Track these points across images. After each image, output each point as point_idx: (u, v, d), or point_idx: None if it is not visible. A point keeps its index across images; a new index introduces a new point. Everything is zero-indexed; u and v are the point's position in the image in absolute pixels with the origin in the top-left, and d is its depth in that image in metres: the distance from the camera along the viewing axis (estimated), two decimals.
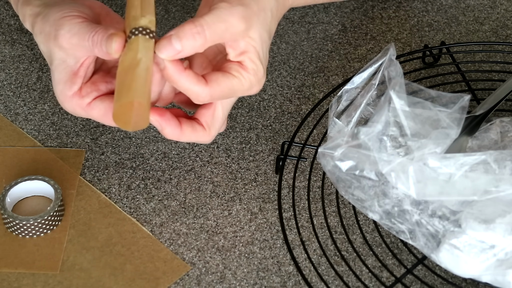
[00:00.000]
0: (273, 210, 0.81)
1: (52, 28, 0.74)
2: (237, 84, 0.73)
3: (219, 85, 0.72)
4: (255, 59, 0.74)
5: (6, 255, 0.77)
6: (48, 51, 0.76)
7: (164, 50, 0.70)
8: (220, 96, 0.73)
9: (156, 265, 0.76)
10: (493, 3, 1.02)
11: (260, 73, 0.75)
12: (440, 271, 0.76)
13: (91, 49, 0.73)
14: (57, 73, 0.75)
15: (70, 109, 0.76)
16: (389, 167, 0.71)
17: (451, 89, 0.91)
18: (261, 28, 0.74)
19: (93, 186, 0.82)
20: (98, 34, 0.72)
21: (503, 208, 0.70)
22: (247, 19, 0.73)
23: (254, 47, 0.74)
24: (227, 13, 0.71)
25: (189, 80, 0.71)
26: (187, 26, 0.70)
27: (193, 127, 0.75)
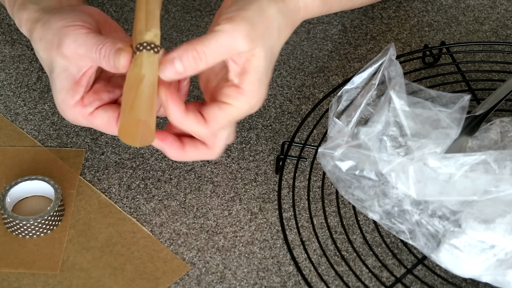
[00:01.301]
0: (273, 210, 0.81)
1: (56, 36, 0.74)
2: (236, 112, 0.74)
3: (217, 122, 0.73)
4: (254, 81, 0.74)
5: (6, 255, 0.77)
6: (49, 59, 0.75)
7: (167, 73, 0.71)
8: (220, 129, 0.75)
9: (156, 265, 0.76)
10: (493, 3, 1.02)
11: (260, 93, 0.75)
12: (440, 271, 0.76)
13: (98, 61, 0.73)
14: (59, 81, 0.74)
15: (71, 118, 0.75)
16: (389, 167, 0.71)
17: (451, 89, 0.91)
18: (265, 47, 0.74)
19: (93, 186, 0.82)
20: (106, 47, 0.72)
21: (503, 208, 0.70)
22: (253, 39, 0.72)
23: (256, 68, 0.74)
24: (230, 38, 0.71)
25: (190, 122, 0.73)
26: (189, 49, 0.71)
27: (196, 147, 0.75)
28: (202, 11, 1.01)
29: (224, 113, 0.73)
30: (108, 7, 1.01)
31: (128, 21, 0.99)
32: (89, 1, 1.01)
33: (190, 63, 0.71)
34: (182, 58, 0.71)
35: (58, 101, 0.75)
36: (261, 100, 0.75)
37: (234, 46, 0.72)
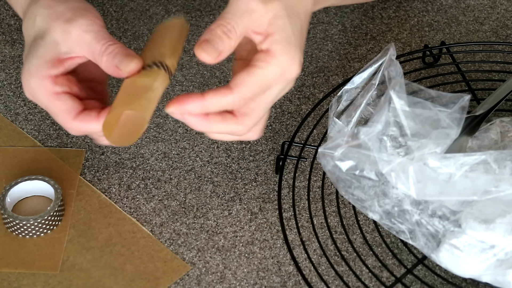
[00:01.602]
0: (273, 210, 0.81)
1: (70, 12, 0.73)
2: (265, 75, 0.69)
3: (246, 86, 0.69)
4: (281, 40, 0.70)
5: (6, 255, 0.77)
6: (44, 27, 0.73)
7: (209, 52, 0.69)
8: (252, 94, 0.70)
9: (156, 265, 0.76)
10: (493, 3, 1.02)
11: (291, 54, 0.70)
12: (440, 271, 0.76)
13: (98, 55, 0.72)
14: (43, 49, 0.72)
15: (32, 88, 0.72)
16: (389, 167, 0.71)
17: (451, 89, 0.91)
18: (285, 5, 0.71)
19: (93, 186, 0.82)
20: (115, 47, 0.71)
21: (503, 208, 0.70)
22: (266, 1, 0.70)
23: (280, 27, 0.70)
24: (246, 2, 0.70)
25: (214, 101, 0.69)
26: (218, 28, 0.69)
27: (222, 116, 0.71)
28: (202, 11, 1.01)
29: (253, 76, 0.69)
30: (108, 7, 1.01)
31: (128, 21, 0.99)
32: (89, 1, 1.01)
33: (223, 40, 0.69)
34: (213, 38, 0.69)
35: (31, 66, 0.72)
36: (293, 62, 0.71)
37: (253, 11, 0.70)
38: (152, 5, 1.01)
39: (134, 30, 0.98)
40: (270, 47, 0.70)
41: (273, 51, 0.70)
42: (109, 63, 0.71)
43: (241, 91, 0.69)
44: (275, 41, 0.70)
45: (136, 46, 0.96)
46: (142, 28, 0.98)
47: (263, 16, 0.70)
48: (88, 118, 0.72)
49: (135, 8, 1.01)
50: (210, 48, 0.68)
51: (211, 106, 0.69)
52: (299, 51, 0.72)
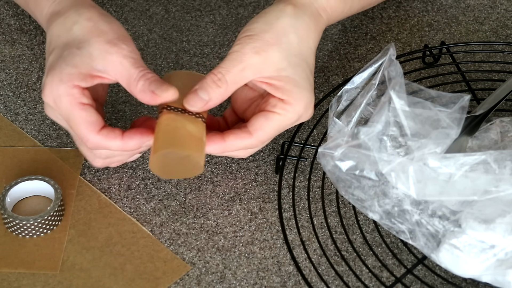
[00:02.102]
0: (273, 210, 0.81)
1: (114, 36, 0.75)
2: (283, 120, 0.76)
3: (264, 131, 0.75)
4: (292, 89, 0.75)
5: (6, 255, 0.77)
6: (83, 38, 0.75)
7: (193, 103, 0.74)
8: (269, 137, 0.76)
9: (156, 265, 0.76)
10: (493, 3, 1.02)
11: (304, 100, 0.76)
12: (440, 271, 0.76)
13: (134, 79, 0.73)
14: (79, 58, 0.74)
15: (59, 94, 0.73)
16: (389, 167, 0.71)
17: (451, 89, 0.91)
18: (285, 54, 0.76)
19: (93, 186, 0.82)
20: (153, 76, 0.74)
21: (503, 208, 0.70)
22: (260, 52, 0.75)
23: (287, 77, 0.75)
24: (240, 54, 0.75)
25: (234, 144, 0.75)
26: (208, 77, 0.74)
27: (236, 133, 0.75)
28: (202, 11, 1.01)
29: (271, 121, 0.75)
30: (108, 7, 1.01)
31: (128, 21, 0.99)
32: None
33: (212, 88, 0.74)
34: (203, 86, 0.74)
35: (63, 72, 0.73)
36: (308, 105, 0.76)
37: (247, 62, 0.74)
38: (152, 5, 1.01)
39: (134, 30, 0.98)
40: (284, 97, 0.75)
41: (289, 101, 0.75)
42: (146, 88, 0.73)
43: (259, 135, 0.75)
44: (287, 91, 0.75)
45: (136, 46, 0.96)
46: (142, 28, 0.98)
47: (264, 69, 0.75)
48: (112, 135, 0.75)
49: (135, 8, 1.01)
50: (194, 100, 0.73)
51: (230, 148, 0.75)
52: (311, 93, 0.77)
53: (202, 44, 0.96)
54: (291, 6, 0.78)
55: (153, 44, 0.97)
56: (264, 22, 0.77)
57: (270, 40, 0.75)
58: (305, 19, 0.78)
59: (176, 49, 0.96)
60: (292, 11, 0.78)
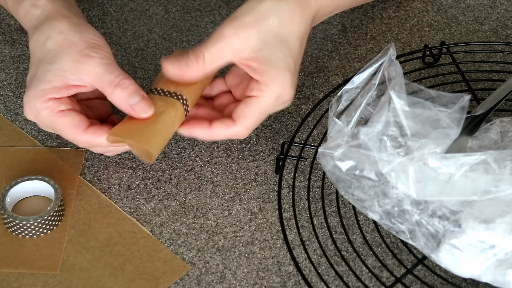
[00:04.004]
0: (273, 210, 0.81)
1: (85, 45, 0.76)
2: (262, 102, 0.77)
3: (246, 117, 0.77)
4: (268, 69, 0.76)
5: (6, 255, 0.77)
6: (55, 52, 0.77)
7: (172, 68, 0.77)
8: (255, 122, 0.78)
9: (156, 265, 0.76)
10: (493, 3, 1.02)
11: (282, 80, 0.77)
12: (440, 271, 0.76)
13: (110, 85, 0.75)
14: (51, 74, 0.76)
15: (37, 109, 0.76)
16: (389, 167, 0.71)
17: (451, 89, 0.91)
18: (264, 35, 0.77)
19: (93, 186, 0.82)
20: (130, 84, 0.76)
21: (503, 208, 0.70)
22: (239, 33, 0.76)
23: (265, 57, 0.76)
24: (220, 34, 0.76)
25: (219, 131, 0.77)
26: (189, 52, 0.76)
27: (222, 121, 0.77)
28: (202, 11, 1.01)
29: (251, 106, 0.77)
30: (108, 7, 1.01)
31: (128, 21, 0.99)
32: (89, 1, 1.02)
33: (191, 60, 0.76)
34: (183, 57, 0.76)
35: (37, 90, 0.76)
36: (284, 84, 0.77)
37: (224, 41, 0.76)
38: (152, 5, 1.01)
39: (134, 30, 0.98)
40: (260, 78, 0.76)
41: (264, 81, 0.76)
42: (123, 99, 0.75)
43: (243, 122, 0.77)
44: (263, 72, 0.76)
45: (136, 46, 0.96)
46: (142, 28, 0.98)
47: (242, 49, 0.77)
48: (99, 132, 0.77)
49: (135, 8, 1.01)
50: (172, 63, 0.76)
51: (216, 135, 0.77)
52: (289, 74, 0.78)
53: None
54: None
55: (153, 44, 0.97)
56: (247, 6, 0.78)
57: (249, 22, 0.77)
58: (289, 4, 0.79)
59: (176, 49, 0.96)
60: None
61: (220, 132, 0.77)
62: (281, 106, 0.79)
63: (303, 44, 0.80)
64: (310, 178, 0.81)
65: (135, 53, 0.95)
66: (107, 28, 0.98)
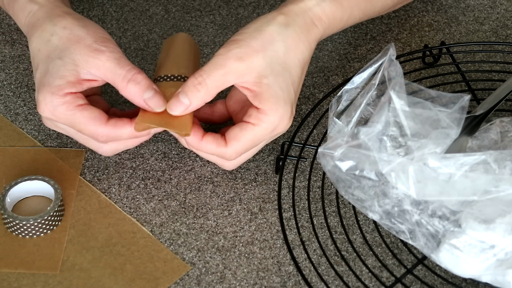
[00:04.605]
0: (273, 210, 0.81)
1: (92, 39, 0.76)
2: (258, 131, 0.76)
3: (238, 141, 0.76)
4: (269, 98, 0.75)
5: (6, 255, 0.77)
6: (63, 47, 0.76)
7: (174, 108, 0.75)
8: (244, 149, 0.77)
9: (156, 265, 0.76)
10: (493, 3, 1.02)
11: (281, 111, 0.76)
12: (440, 271, 0.76)
13: (123, 79, 0.75)
14: (63, 69, 0.75)
15: (54, 106, 0.75)
16: (389, 167, 0.71)
17: (451, 89, 0.91)
18: (269, 61, 0.76)
19: (93, 186, 0.82)
20: (142, 78, 0.75)
21: (503, 208, 0.70)
22: (244, 58, 0.75)
23: (266, 86, 0.75)
24: (224, 58, 0.75)
25: (208, 146, 0.76)
26: (189, 80, 0.75)
27: (215, 137, 0.77)
28: (202, 11, 1.01)
29: (246, 132, 0.76)
30: (108, 7, 1.01)
31: (128, 21, 0.99)
32: (89, 1, 1.02)
33: (193, 92, 0.74)
34: (184, 90, 0.75)
35: (52, 85, 0.75)
36: (283, 116, 0.76)
37: (229, 67, 0.75)
38: (152, 5, 1.01)
39: (134, 30, 0.98)
40: (260, 106, 0.75)
41: (263, 110, 0.75)
42: (136, 94, 0.75)
43: (234, 145, 0.76)
44: (264, 100, 0.75)
45: (136, 46, 0.96)
46: (142, 28, 0.99)
47: (246, 74, 0.75)
48: (120, 123, 0.77)
49: (135, 8, 1.01)
50: (176, 104, 0.75)
51: (204, 148, 0.77)
52: (289, 106, 0.77)
53: (202, 44, 0.96)
54: (282, 15, 0.78)
55: (153, 44, 0.97)
56: (254, 28, 0.77)
57: (256, 46, 0.76)
58: (296, 29, 0.78)
59: None
60: (283, 20, 0.78)
61: (209, 147, 0.76)
62: (274, 137, 0.79)
63: (305, 71, 0.80)
64: (310, 178, 0.81)
65: (135, 53, 0.95)
66: (107, 28, 0.98)
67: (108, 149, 0.80)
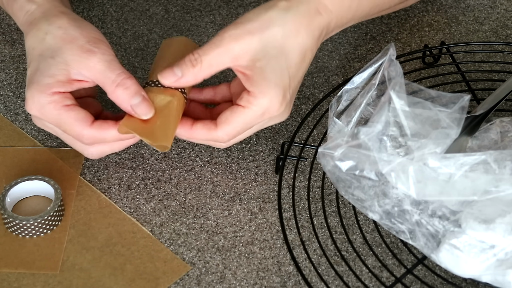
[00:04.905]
0: (273, 210, 0.81)
1: (85, 40, 0.76)
2: (247, 113, 0.76)
3: (229, 124, 0.76)
4: (260, 81, 0.75)
5: (6, 255, 0.77)
6: (56, 46, 0.76)
7: (166, 76, 0.76)
8: (236, 131, 0.77)
9: (156, 265, 0.76)
10: (493, 3, 1.02)
11: (271, 94, 0.75)
12: (440, 271, 0.76)
13: (111, 83, 0.75)
14: (54, 68, 0.75)
15: (41, 104, 0.75)
16: (389, 167, 0.71)
17: (451, 89, 0.91)
18: (265, 44, 0.76)
19: (93, 186, 0.82)
20: (131, 84, 0.75)
21: (503, 208, 0.70)
22: (239, 39, 0.75)
23: (259, 68, 0.75)
24: (220, 39, 0.75)
25: (200, 133, 0.76)
26: (186, 57, 0.75)
27: (204, 124, 0.77)
28: (202, 11, 1.01)
29: (235, 114, 0.76)
30: (108, 7, 1.01)
31: (128, 21, 0.99)
32: (89, 1, 1.02)
33: (187, 66, 0.75)
34: (179, 63, 0.75)
35: (41, 83, 0.75)
36: (273, 103, 0.76)
37: (225, 48, 0.75)
38: (152, 5, 1.01)
39: (134, 30, 0.98)
40: (251, 89, 0.75)
41: (253, 93, 0.75)
42: (124, 99, 0.75)
43: (225, 128, 0.76)
44: (255, 83, 0.75)
45: (136, 46, 0.96)
46: (142, 28, 0.99)
47: (241, 56, 0.76)
48: (105, 125, 0.77)
49: (135, 8, 1.01)
50: (168, 73, 0.76)
51: (196, 136, 0.77)
52: (281, 89, 0.76)
53: (202, 44, 0.96)
54: (284, 1, 0.78)
55: (153, 44, 0.97)
56: (254, 12, 0.77)
57: (253, 29, 0.76)
58: (297, 15, 0.77)
59: None
60: (284, 5, 0.77)
61: (200, 134, 0.77)
62: (270, 122, 0.78)
63: (307, 58, 0.78)
64: (310, 178, 0.81)
65: (135, 53, 0.95)
66: (107, 28, 0.98)
67: (94, 151, 0.79)
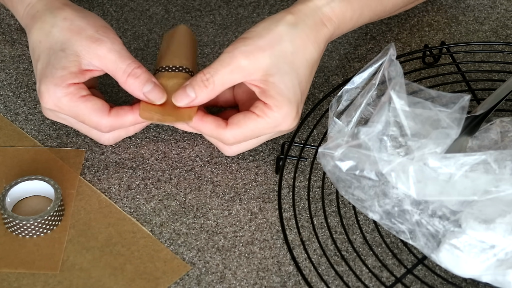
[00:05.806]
0: (273, 210, 0.81)
1: (93, 29, 0.77)
2: (260, 123, 0.77)
3: (239, 127, 0.77)
4: (276, 96, 0.76)
5: (6, 255, 0.77)
6: (64, 38, 0.77)
7: (180, 99, 0.77)
8: (244, 136, 0.77)
9: (156, 265, 0.76)
10: (493, 3, 1.02)
11: (285, 108, 0.76)
12: (440, 271, 0.76)
13: (123, 73, 0.76)
14: (66, 60, 0.76)
15: (58, 97, 0.76)
16: (389, 167, 0.71)
17: (451, 89, 0.91)
18: (277, 60, 0.76)
19: (93, 186, 0.82)
20: (142, 72, 0.77)
21: (503, 208, 0.70)
22: (251, 56, 0.76)
23: (273, 84, 0.76)
24: (230, 56, 0.76)
25: (208, 125, 0.77)
26: (198, 75, 0.76)
27: (216, 119, 0.77)
28: (202, 11, 1.01)
29: (248, 120, 0.76)
30: (108, 7, 1.01)
31: (128, 21, 0.99)
32: (89, 1, 1.02)
33: (200, 87, 0.76)
34: (192, 84, 0.76)
35: (55, 76, 0.76)
36: (286, 115, 0.77)
37: (236, 64, 0.76)
38: (152, 5, 1.01)
39: (134, 30, 0.98)
40: (267, 101, 0.76)
41: (270, 106, 0.76)
42: (136, 88, 0.77)
43: (234, 130, 0.77)
44: (270, 97, 0.76)
45: (136, 46, 0.96)
46: (142, 28, 0.99)
47: (252, 73, 0.76)
48: (122, 112, 0.78)
49: (135, 8, 1.01)
50: (181, 96, 0.77)
51: (204, 128, 0.78)
52: (295, 106, 0.78)
53: (202, 44, 0.96)
54: (291, 15, 0.79)
55: (153, 44, 0.97)
56: (262, 27, 0.78)
57: (263, 45, 0.76)
58: (305, 29, 0.78)
59: None
60: (292, 20, 0.78)
61: (208, 128, 0.77)
62: (278, 134, 0.80)
63: (313, 71, 0.80)
64: (310, 178, 0.81)
65: (135, 53, 0.95)
66: None
67: (111, 137, 0.81)
